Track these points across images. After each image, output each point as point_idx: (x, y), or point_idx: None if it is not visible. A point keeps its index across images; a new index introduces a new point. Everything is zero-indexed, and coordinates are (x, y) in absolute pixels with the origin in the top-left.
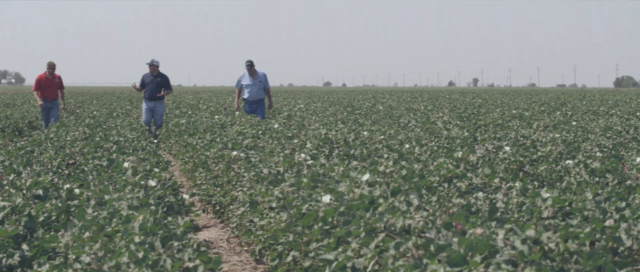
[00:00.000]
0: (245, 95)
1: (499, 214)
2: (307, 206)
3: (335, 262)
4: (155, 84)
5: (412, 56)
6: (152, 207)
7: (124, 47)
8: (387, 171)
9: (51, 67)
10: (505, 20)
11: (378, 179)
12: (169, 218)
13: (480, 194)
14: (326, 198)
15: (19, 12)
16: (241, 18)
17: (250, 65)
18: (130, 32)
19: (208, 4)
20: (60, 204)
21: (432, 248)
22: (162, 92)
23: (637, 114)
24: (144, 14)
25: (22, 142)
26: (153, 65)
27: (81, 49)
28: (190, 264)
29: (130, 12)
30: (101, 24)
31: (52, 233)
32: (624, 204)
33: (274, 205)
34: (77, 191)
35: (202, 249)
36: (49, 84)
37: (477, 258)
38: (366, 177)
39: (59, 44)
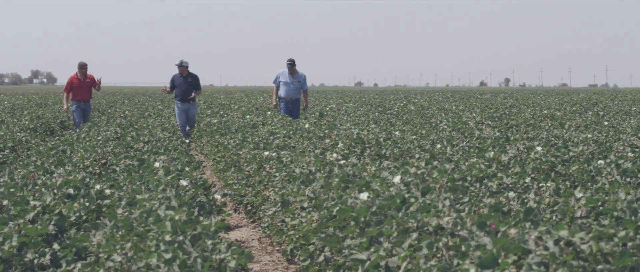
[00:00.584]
0: (281, 94)
1: (533, 214)
2: (338, 206)
3: (368, 262)
4: (187, 84)
5: (443, 56)
6: (184, 207)
7: (156, 47)
8: (419, 172)
9: (82, 67)
10: (537, 20)
11: (410, 179)
12: (201, 218)
13: (511, 193)
14: (364, 195)
15: (50, 12)
16: (273, 17)
17: (291, 64)
18: (162, 32)
19: (240, 3)
20: (89, 204)
21: (463, 248)
22: (193, 94)
23: None
24: (175, 13)
25: (54, 142)
26: (183, 66)
27: (113, 48)
28: (222, 256)
29: (162, 12)
30: (133, 23)
31: (83, 232)
32: None
33: (305, 205)
34: (107, 191)
35: (233, 247)
36: (81, 84)
37: (510, 259)
38: (397, 178)
39: (91, 44)
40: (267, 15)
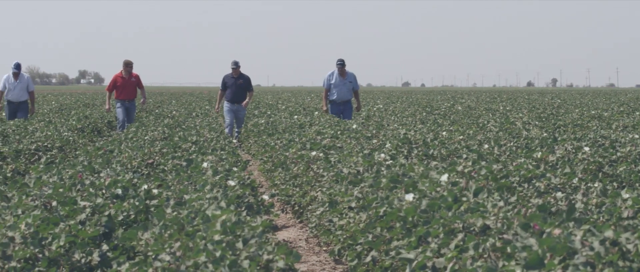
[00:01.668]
0: (333, 96)
1: (577, 214)
2: (386, 206)
3: (415, 262)
4: (238, 86)
5: (490, 56)
6: (232, 207)
7: (204, 48)
8: (466, 170)
9: (128, 65)
10: (584, 20)
11: (458, 179)
12: (248, 218)
13: (559, 194)
14: (409, 196)
15: (97, 12)
16: (321, 17)
17: (341, 65)
18: (209, 33)
19: (287, 3)
20: (138, 204)
21: (509, 249)
22: (247, 99)
23: None
24: (223, 14)
25: (101, 142)
26: (235, 68)
27: (160, 49)
28: (269, 256)
29: (210, 12)
30: (180, 24)
31: (131, 230)
32: None
33: (353, 205)
34: (155, 191)
35: (281, 247)
36: (126, 83)
37: (556, 260)
38: (444, 177)
39: (139, 44)
40: (314, 16)
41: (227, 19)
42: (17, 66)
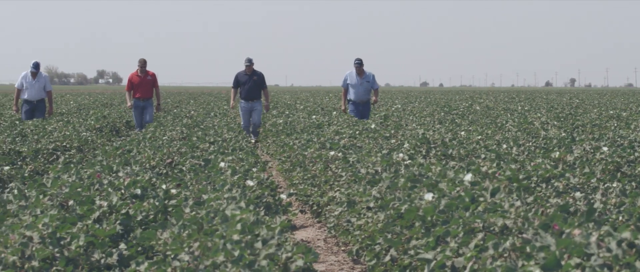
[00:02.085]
0: (351, 96)
1: (596, 214)
2: (405, 206)
3: (434, 262)
4: (252, 82)
5: (509, 56)
6: (250, 207)
7: (221, 48)
8: (489, 171)
9: (142, 63)
10: (602, 19)
11: (479, 179)
12: (267, 218)
13: (577, 194)
14: (428, 196)
15: (116, 12)
16: (338, 17)
17: (359, 64)
18: (227, 33)
19: (304, 4)
20: (157, 204)
21: (528, 249)
22: (266, 101)
23: None
24: (241, 14)
25: (119, 142)
26: (248, 65)
27: (178, 49)
28: (288, 255)
29: (227, 13)
30: (199, 24)
31: (150, 229)
32: None
33: (371, 205)
34: (173, 191)
35: (299, 247)
36: (142, 82)
37: (573, 261)
38: (469, 177)
39: (156, 44)
40: (332, 15)
41: (245, 18)
42: (36, 65)
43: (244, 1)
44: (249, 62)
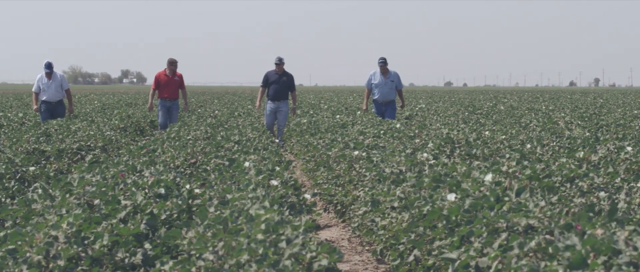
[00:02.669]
0: (375, 96)
1: (619, 214)
2: (430, 205)
3: (458, 261)
4: (281, 83)
5: (533, 56)
6: (275, 206)
7: (246, 47)
8: (511, 170)
9: (172, 64)
10: (627, 19)
11: (501, 179)
12: (291, 217)
13: (601, 193)
14: (451, 196)
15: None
16: (363, 17)
17: (383, 63)
18: (251, 33)
19: (329, 3)
20: (181, 203)
21: (551, 250)
22: (293, 103)
23: None
24: (264, 15)
25: (144, 141)
26: (279, 64)
27: (202, 49)
28: (312, 254)
29: (251, 13)
30: (221, 24)
31: (174, 229)
32: None
33: (395, 204)
34: (197, 190)
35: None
36: (169, 82)
37: (599, 260)
38: (489, 177)
39: (180, 44)
40: (356, 15)
41: (269, 19)
42: (48, 65)
43: (267, 1)
44: (280, 61)
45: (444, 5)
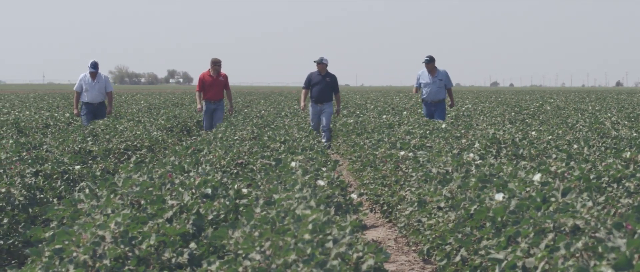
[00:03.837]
0: (423, 95)
1: None
2: (475, 206)
3: (505, 262)
4: (324, 84)
5: (579, 56)
6: (321, 206)
7: (291, 48)
8: (559, 171)
9: (216, 63)
10: None
11: (549, 179)
12: (338, 217)
13: None
14: (499, 196)
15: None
16: (409, 17)
17: (429, 61)
18: (297, 33)
19: (375, 3)
20: (228, 203)
21: (599, 249)
22: (338, 105)
23: None
24: (309, 15)
25: (190, 141)
26: (322, 64)
27: (248, 49)
28: (359, 254)
29: (297, 13)
30: (268, 24)
31: (221, 229)
32: None
33: (442, 205)
34: (244, 190)
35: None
36: (213, 83)
37: None
38: (537, 177)
39: (226, 44)
40: (402, 15)
41: (315, 19)
42: (94, 65)
43: (313, 1)
44: (321, 60)
45: (491, 4)
